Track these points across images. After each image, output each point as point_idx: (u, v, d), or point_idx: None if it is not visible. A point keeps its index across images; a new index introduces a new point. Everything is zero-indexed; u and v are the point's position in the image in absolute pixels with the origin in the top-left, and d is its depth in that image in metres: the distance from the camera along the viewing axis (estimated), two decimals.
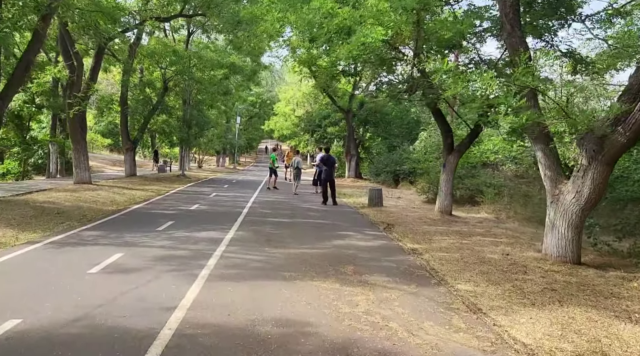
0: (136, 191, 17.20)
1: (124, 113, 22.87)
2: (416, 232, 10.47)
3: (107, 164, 37.58)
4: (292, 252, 7.91)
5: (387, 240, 9.52)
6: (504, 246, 9.01)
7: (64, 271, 6.21)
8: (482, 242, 9.41)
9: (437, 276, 6.65)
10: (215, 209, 13.35)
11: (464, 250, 8.52)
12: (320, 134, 33.34)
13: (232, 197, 17.17)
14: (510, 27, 8.23)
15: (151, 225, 10.12)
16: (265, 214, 12.72)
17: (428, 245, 9.00)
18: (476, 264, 7.38)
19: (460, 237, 9.96)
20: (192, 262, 6.94)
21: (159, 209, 12.93)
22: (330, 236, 9.62)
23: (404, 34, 8.39)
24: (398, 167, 26.03)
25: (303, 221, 11.65)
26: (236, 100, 38.84)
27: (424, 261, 7.64)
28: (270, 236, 9.40)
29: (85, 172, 17.53)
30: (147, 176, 24.18)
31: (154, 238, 8.69)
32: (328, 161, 15.80)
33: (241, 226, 10.41)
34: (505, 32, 8.34)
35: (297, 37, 10.91)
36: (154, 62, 23.31)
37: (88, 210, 12.03)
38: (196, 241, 8.53)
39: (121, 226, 9.91)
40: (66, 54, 16.50)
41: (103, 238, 8.53)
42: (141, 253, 7.38)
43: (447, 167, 13.04)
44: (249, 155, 76.81)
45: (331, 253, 8.01)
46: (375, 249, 8.48)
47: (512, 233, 10.76)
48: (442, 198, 13.21)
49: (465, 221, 12.44)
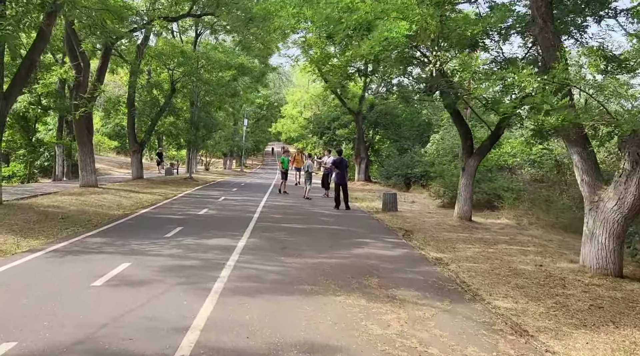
0: (143, 194, 16.76)
1: (131, 115, 22.48)
2: (437, 239, 9.92)
3: (114, 167, 37.28)
4: (310, 262, 7.39)
5: (408, 248, 8.99)
6: (533, 256, 8.45)
7: (66, 284, 5.72)
8: (509, 251, 8.85)
9: (470, 291, 6.11)
10: (225, 214, 12.87)
11: (493, 260, 7.97)
12: (330, 137, 32.83)
13: (241, 201, 16.69)
14: (542, 22, 7.68)
15: (159, 231, 9.65)
16: (277, 219, 12.22)
17: (453, 254, 8.45)
18: (509, 277, 6.83)
19: (485, 245, 9.41)
20: (203, 273, 6.44)
21: (166, 214, 12.46)
22: (348, 244, 9.10)
23: (429, 29, 7.88)
24: (410, 171, 25.47)
25: (317, 227, 11.13)
26: (244, 102, 38.43)
27: (452, 272, 7.09)
28: (285, 243, 8.89)
29: (91, 175, 17.12)
30: (154, 179, 23.77)
31: (163, 246, 8.21)
32: (340, 164, 15.29)
33: (253, 233, 9.91)
34: (537, 28, 7.80)
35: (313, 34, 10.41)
36: (161, 63, 22.92)
37: (93, 215, 11.59)
38: (207, 250, 8.03)
39: (128, 233, 9.44)
40: (72, 54, 16.12)
41: (108, 246, 8.06)
42: (149, 263, 6.89)
43: (467, 171, 12.48)
44: (256, 157, 76.53)
45: (351, 263, 7.49)
46: (398, 259, 7.94)
47: (539, 240, 10.19)
48: (461, 203, 12.64)
49: (486, 228, 11.87)
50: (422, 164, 24.79)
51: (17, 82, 11.53)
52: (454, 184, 16.96)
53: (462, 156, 12.91)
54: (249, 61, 27.11)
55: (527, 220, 12.89)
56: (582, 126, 7.08)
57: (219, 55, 23.77)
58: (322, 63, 12.19)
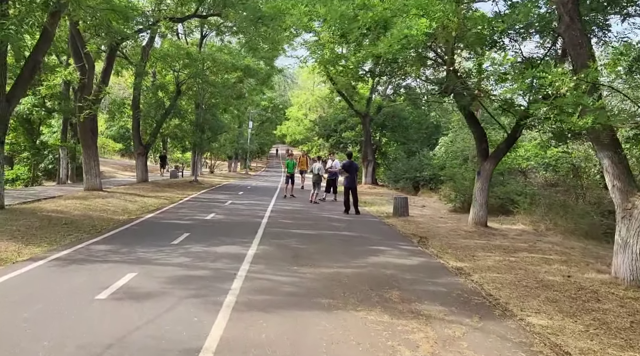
0: (148, 198, 16.43)
1: (136, 117, 22.17)
2: (455, 247, 9.52)
3: (119, 169, 37.05)
4: (325, 272, 7.01)
5: (425, 257, 8.59)
6: (558, 265, 8.04)
7: (68, 297, 5.36)
8: (532, 260, 8.44)
9: (499, 305, 5.71)
10: (233, 219, 12.50)
11: (516, 270, 7.56)
12: (336, 139, 32.44)
13: (248, 205, 16.33)
14: (569, 19, 7.29)
15: (166, 238, 9.29)
16: (287, 225, 11.84)
17: (473, 263, 8.05)
18: (538, 289, 6.42)
19: (505, 253, 9.00)
20: (214, 285, 6.07)
21: (173, 219, 12.11)
22: (362, 252, 8.71)
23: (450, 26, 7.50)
24: (418, 174, 25.09)
25: (329, 234, 10.75)
26: (249, 104, 38.12)
27: (476, 284, 6.69)
28: (297, 251, 8.51)
29: (95, 178, 16.80)
30: (159, 182, 23.45)
31: (170, 254, 7.85)
32: (350, 167, 14.90)
33: (263, 239, 9.54)
34: (563, 25, 7.40)
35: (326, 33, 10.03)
36: (166, 65, 22.62)
37: (98, 220, 11.25)
38: (216, 258, 7.67)
39: (133, 239, 9.09)
40: (77, 55, 15.82)
41: (114, 254, 7.70)
42: (156, 273, 6.52)
43: (482, 175, 12.08)
44: (260, 160, 76.27)
45: (368, 272, 7.10)
46: (417, 269, 7.55)
47: (560, 248, 9.76)
48: (476, 208, 12.24)
49: (503, 234, 11.46)
50: (431, 167, 24.38)
51: (21, 83, 11.22)
52: (465, 188, 16.56)
53: (477, 159, 12.52)
54: (254, 63, 26.79)
55: (544, 226, 12.46)
56: (613, 129, 6.69)
57: (224, 57, 23.45)
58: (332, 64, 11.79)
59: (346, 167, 14.83)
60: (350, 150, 16.82)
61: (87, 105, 15.49)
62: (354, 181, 15.03)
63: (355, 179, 15.54)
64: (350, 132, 32.03)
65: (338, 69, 11.79)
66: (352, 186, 14.88)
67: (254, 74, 25.13)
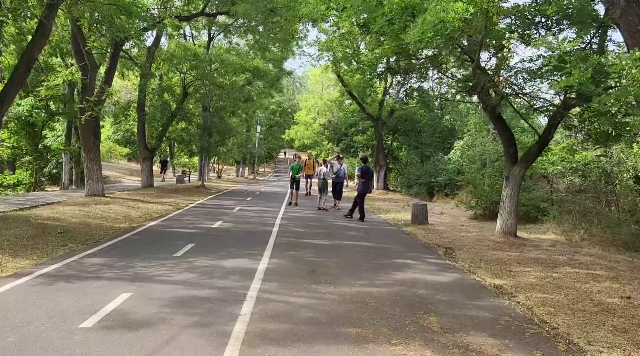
0: (152, 204, 15.63)
1: (141, 120, 21.45)
2: (487, 260, 8.59)
3: (125, 174, 36.47)
4: (347, 291, 6.12)
5: (457, 272, 7.67)
6: (609, 283, 7.09)
7: (49, 325, 4.52)
8: (577, 276, 7.50)
9: (560, 337, 4.78)
10: (242, 228, 11.64)
11: (565, 289, 6.63)
12: (347, 143, 31.55)
13: (257, 212, 15.47)
14: (625, 3, 6.39)
15: (168, 249, 8.44)
16: (299, 234, 10.97)
17: (513, 280, 7.13)
18: (599, 314, 5.49)
19: (545, 268, 8.06)
20: (220, 309, 5.19)
21: (177, 228, 11.27)
22: (386, 266, 7.81)
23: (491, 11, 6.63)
24: (433, 179, 24.13)
25: (346, 244, 9.85)
26: (257, 107, 37.37)
27: (524, 307, 5.77)
28: (314, 265, 7.62)
29: (97, 183, 16.04)
30: (164, 187, 22.68)
31: (172, 269, 6.99)
32: (367, 172, 13.98)
33: (275, 251, 8.66)
34: (617, 10, 6.49)
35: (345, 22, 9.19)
36: (173, 67, 21.90)
37: (96, 228, 10.44)
38: (223, 274, 6.80)
39: (132, 251, 8.25)
40: (79, 54, 15.08)
41: (108, 269, 6.86)
42: (154, 293, 5.66)
43: (512, 180, 11.13)
44: (268, 165, 75.62)
45: (397, 292, 6.20)
46: (451, 287, 6.63)
47: (604, 262, 8.80)
48: (504, 216, 11.28)
49: (535, 245, 10.50)
50: (446, 172, 23.44)
51: (15, 82, 10.46)
52: (487, 195, 15.63)
53: (506, 163, 11.59)
54: (263, 65, 26.05)
55: (578, 236, 11.49)
56: None
57: (232, 58, 22.71)
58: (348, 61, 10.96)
59: (363, 172, 13.86)
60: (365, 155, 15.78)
61: (89, 106, 14.74)
62: (369, 187, 14.15)
63: (370, 185, 14.65)
64: (361, 136, 31.14)
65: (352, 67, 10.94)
66: (366, 192, 13.98)
67: (262, 75, 24.39)
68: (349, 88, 25.42)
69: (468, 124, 24.82)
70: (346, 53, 10.69)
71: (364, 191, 13.91)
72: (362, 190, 13.90)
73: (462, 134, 25.79)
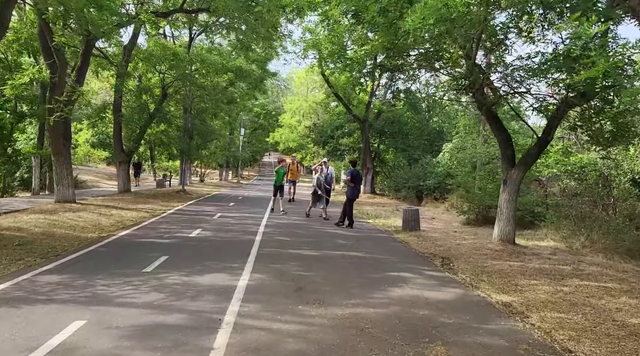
0: (127, 211, 14.66)
1: (118, 122, 20.41)
2: (489, 272, 7.90)
3: (104, 178, 35.17)
4: (339, 314, 5.34)
5: (459, 286, 6.94)
6: (626, 298, 6.44)
7: None
8: (589, 290, 6.84)
9: None
10: (222, 237, 10.79)
11: (580, 307, 5.95)
12: (333, 146, 30.80)
13: (240, 218, 14.62)
14: None
15: (137, 263, 7.57)
16: (284, 243, 10.16)
17: (521, 296, 6.43)
18: (627, 339, 4.80)
19: (552, 280, 7.40)
20: (189, 341, 4.37)
21: (150, 237, 10.37)
22: (380, 280, 7.06)
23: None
24: (421, 182, 23.52)
25: (335, 255, 9.07)
26: (240, 110, 36.43)
27: (541, 331, 5.05)
28: (300, 280, 6.83)
29: (68, 189, 15.01)
30: (142, 193, 21.65)
31: (138, 288, 6.13)
32: (357, 176, 13.25)
33: (257, 264, 7.85)
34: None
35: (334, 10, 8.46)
36: (151, 66, 20.92)
37: (61, 239, 9.50)
38: (197, 294, 5.96)
39: (96, 266, 7.36)
40: (47, 51, 14.07)
41: (64, 289, 5.97)
42: (113, 320, 4.82)
43: (509, 184, 10.49)
44: (252, 168, 74.64)
45: (396, 314, 5.44)
46: (455, 306, 5.89)
47: (612, 272, 8.17)
48: (502, 222, 10.63)
49: (536, 253, 9.86)
50: (435, 175, 22.85)
51: None
52: (479, 199, 15.03)
53: (503, 166, 10.95)
54: (247, 65, 25.20)
55: (578, 243, 10.89)
56: None
57: (214, 58, 21.83)
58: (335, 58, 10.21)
59: (354, 176, 13.11)
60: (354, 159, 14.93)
61: (58, 107, 13.73)
62: (358, 192, 13.43)
63: (359, 189, 13.91)
64: (347, 138, 30.44)
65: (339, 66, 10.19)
66: (355, 198, 13.28)
67: (245, 76, 23.54)
68: (335, 89, 24.73)
69: (457, 126, 24.28)
70: (333, 49, 9.92)
71: (353, 196, 13.21)
72: (352, 195, 13.18)
73: (451, 137, 25.24)
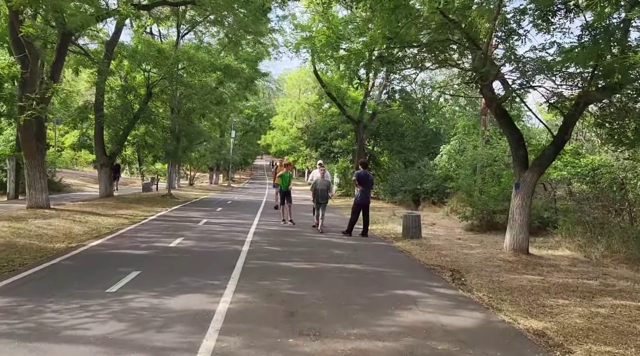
0: (105, 217, 13.55)
1: (99, 122, 19.27)
2: (507, 289, 6.91)
3: (89, 182, 33.86)
4: (341, 350, 4.31)
5: (478, 308, 5.93)
6: None
7: None
8: (629, 312, 5.87)
9: None
10: (205, 247, 9.71)
11: (628, 336, 4.97)
12: (326, 148, 29.79)
13: (227, 225, 13.55)
14: None
15: (103, 281, 6.49)
16: (274, 254, 9.12)
17: (554, 322, 5.43)
18: None
19: (582, 299, 6.42)
20: None
21: (124, 248, 9.27)
22: (386, 301, 6.04)
23: None
24: (418, 186, 22.56)
25: (331, 268, 8.04)
26: (231, 111, 35.33)
27: None
28: (292, 303, 5.78)
29: (41, 193, 13.87)
30: (125, 197, 20.52)
31: (95, 314, 5.06)
32: (366, 179, 11.97)
33: (242, 280, 6.80)
34: None
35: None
36: (135, 64, 19.82)
37: (22, 250, 8.41)
38: (165, 322, 4.90)
39: (52, 284, 6.28)
40: (17, 44, 13.01)
41: (5, 317, 4.89)
42: None
43: (523, 188, 9.55)
44: (243, 171, 73.56)
45: (410, 349, 4.41)
46: (479, 337, 4.88)
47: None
48: (514, 230, 9.67)
49: (553, 265, 8.91)
50: (433, 178, 21.90)
51: None
52: (483, 203, 14.09)
53: (515, 168, 10.01)
54: (236, 64, 24.16)
55: (598, 252, 9.94)
56: None
57: (202, 56, 20.77)
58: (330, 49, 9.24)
59: (361, 179, 11.94)
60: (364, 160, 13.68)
61: (30, 105, 12.62)
62: (368, 197, 12.16)
63: (369, 194, 12.62)
64: (341, 140, 29.46)
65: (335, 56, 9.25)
66: (366, 203, 12.03)
67: (235, 75, 22.49)
68: (329, 88, 23.75)
69: (456, 127, 23.38)
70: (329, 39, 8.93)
71: (362, 202, 11.93)
72: (361, 200, 11.90)
73: (449, 138, 24.33)
